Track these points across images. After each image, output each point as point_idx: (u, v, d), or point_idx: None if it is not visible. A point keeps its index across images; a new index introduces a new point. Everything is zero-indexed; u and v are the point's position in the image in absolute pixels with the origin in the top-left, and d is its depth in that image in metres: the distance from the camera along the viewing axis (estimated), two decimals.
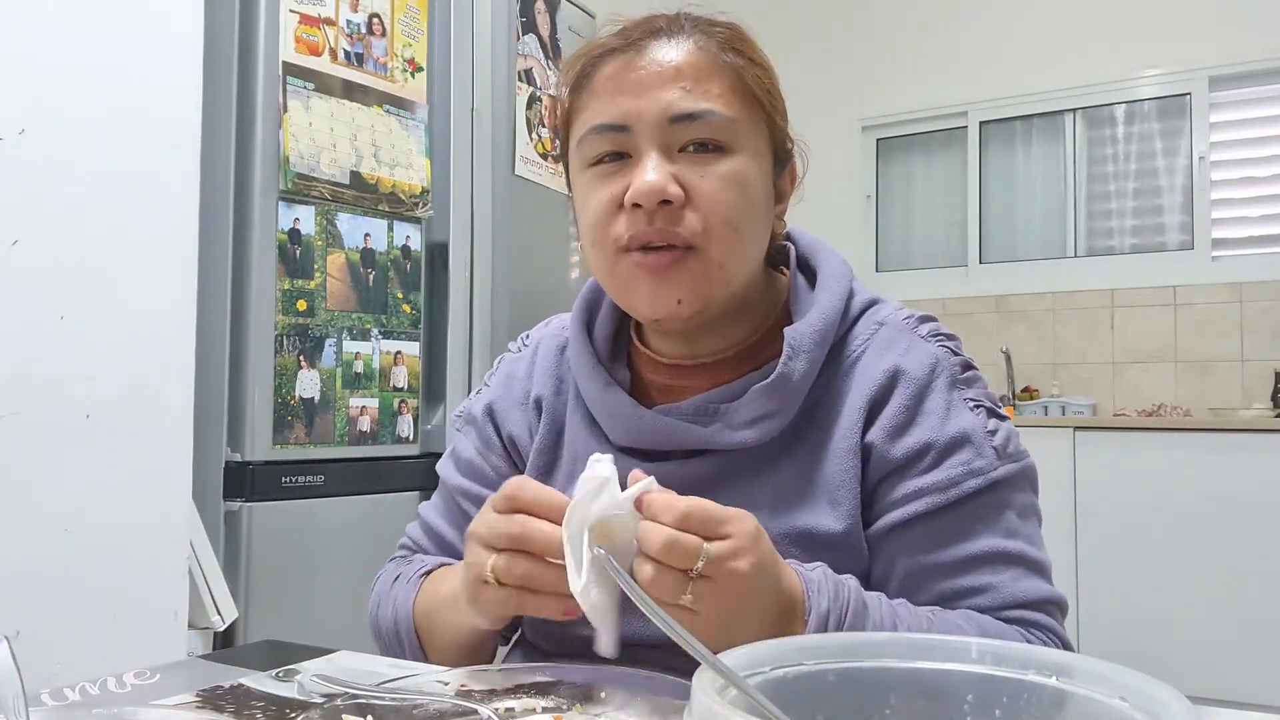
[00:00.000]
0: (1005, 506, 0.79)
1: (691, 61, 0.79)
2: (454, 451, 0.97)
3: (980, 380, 0.85)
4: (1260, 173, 3.81)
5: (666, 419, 0.82)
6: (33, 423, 1.33)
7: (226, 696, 0.67)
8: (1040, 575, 0.79)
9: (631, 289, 0.80)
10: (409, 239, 2.13)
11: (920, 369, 0.81)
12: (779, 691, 0.40)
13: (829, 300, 0.84)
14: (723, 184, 0.77)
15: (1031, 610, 0.77)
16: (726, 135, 0.78)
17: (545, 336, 0.98)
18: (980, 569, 0.78)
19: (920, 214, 4.49)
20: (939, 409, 0.80)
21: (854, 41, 4.48)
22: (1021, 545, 0.79)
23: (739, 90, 0.80)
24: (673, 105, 0.77)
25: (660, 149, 0.77)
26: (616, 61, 0.80)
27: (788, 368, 0.80)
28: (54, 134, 1.37)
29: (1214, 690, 2.90)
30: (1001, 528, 0.79)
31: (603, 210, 0.79)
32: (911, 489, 0.79)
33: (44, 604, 1.33)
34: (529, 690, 0.63)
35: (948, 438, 0.79)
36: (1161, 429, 3.31)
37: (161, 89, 1.51)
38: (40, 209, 1.35)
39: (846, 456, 0.80)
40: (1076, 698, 0.39)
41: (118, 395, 1.42)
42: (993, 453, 0.79)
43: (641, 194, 0.76)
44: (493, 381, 0.98)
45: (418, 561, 0.93)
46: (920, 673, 0.42)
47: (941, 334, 0.86)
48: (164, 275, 1.50)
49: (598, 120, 0.80)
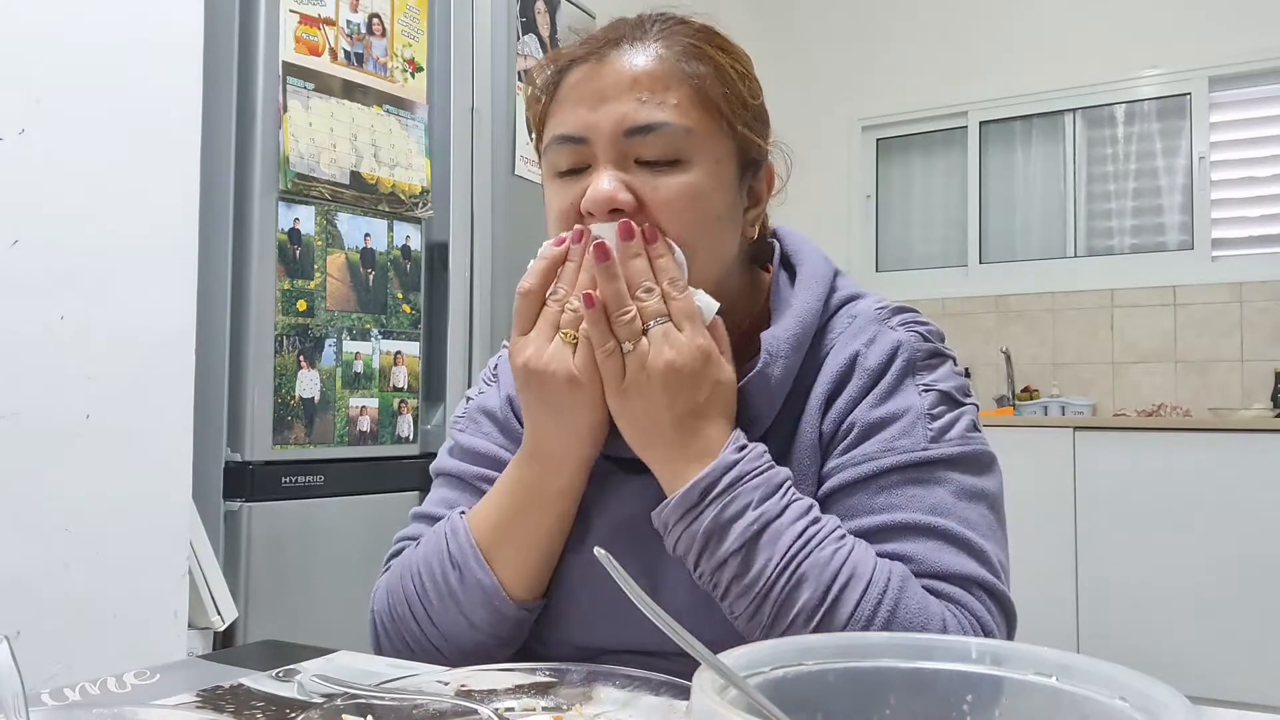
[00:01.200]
0: (934, 484, 0.77)
1: (649, 70, 0.79)
2: (459, 448, 0.93)
3: (948, 368, 0.83)
4: (1260, 173, 3.81)
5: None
6: (33, 423, 1.33)
7: (226, 696, 0.67)
8: (970, 555, 0.75)
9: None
10: (409, 239, 2.13)
11: (879, 355, 0.81)
12: (779, 691, 0.40)
13: (806, 300, 0.84)
14: (674, 197, 0.78)
15: (947, 583, 0.74)
16: (682, 148, 0.78)
17: None
18: (891, 539, 0.75)
19: (920, 214, 4.50)
20: (882, 391, 0.80)
21: (854, 41, 4.48)
22: (949, 523, 0.75)
23: (698, 100, 0.79)
24: (627, 117, 0.78)
25: (615, 160, 0.78)
26: (580, 70, 0.81)
27: (766, 371, 0.80)
28: (54, 134, 1.37)
29: (1214, 690, 2.90)
30: (925, 504, 0.76)
31: (559, 219, 0.81)
32: (833, 465, 0.79)
33: (44, 604, 1.33)
34: (529, 690, 0.63)
35: (875, 417, 0.79)
36: (1161, 429, 3.31)
37: (161, 89, 1.51)
38: (40, 209, 1.35)
39: (810, 446, 0.81)
40: (1076, 698, 0.39)
41: (118, 395, 1.42)
42: (925, 434, 0.78)
43: (593, 202, 0.77)
44: (499, 378, 0.96)
45: (433, 530, 0.88)
46: (920, 673, 0.42)
47: (914, 322, 0.85)
48: (164, 275, 1.50)
49: (559, 130, 0.81)
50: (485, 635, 0.82)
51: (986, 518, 0.78)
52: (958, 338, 4.07)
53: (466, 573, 0.81)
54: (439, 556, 0.83)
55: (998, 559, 0.77)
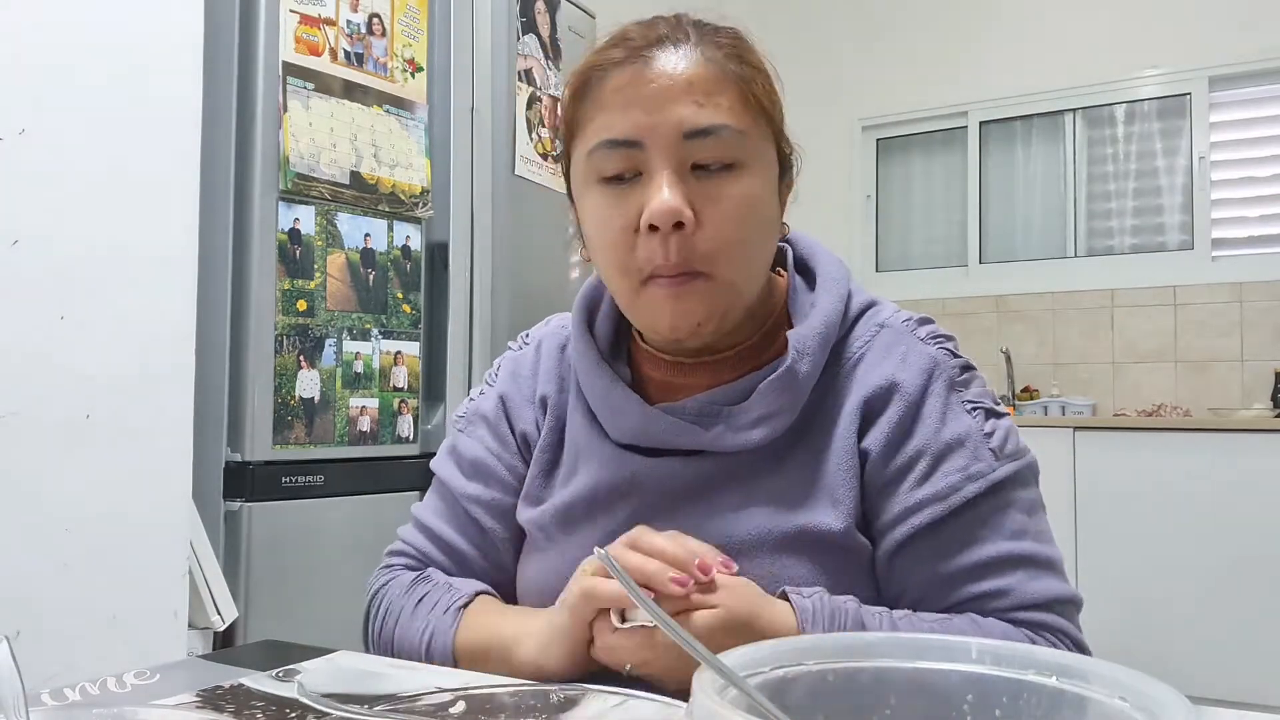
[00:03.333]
0: (1008, 507, 0.79)
1: (701, 74, 0.77)
2: (455, 452, 0.95)
3: (979, 380, 0.85)
4: (1260, 173, 3.81)
5: (671, 419, 0.82)
6: (33, 423, 1.33)
7: (226, 696, 0.67)
8: (1052, 573, 0.79)
9: (656, 315, 0.80)
10: (409, 239, 2.13)
11: (918, 375, 0.81)
12: (779, 691, 0.40)
13: (829, 302, 0.85)
14: (734, 206, 0.77)
15: (1042, 612, 0.77)
16: (739, 151, 0.78)
17: (546, 335, 0.98)
18: (989, 575, 0.77)
19: (920, 214, 4.49)
20: (934, 415, 0.80)
21: (854, 41, 4.48)
22: (1030, 545, 0.78)
23: (747, 102, 0.79)
24: (686, 121, 0.76)
25: (674, 166, 0.76)
26: (625, 72, 0.79)
27: (794, 367, 0.80)
28: (54, 134, 1.37)
29: (1214, 690, 2.90)
30: (1007, 529, 0.78)
31: (619, 236, 0.79)
32: (911, 502, 0.79)
33: (44, 604, 1.33)
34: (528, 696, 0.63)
35: (942, 444, 0.79)
36: (1161, 429, 3.31)
37: (161, 89, 1.51)
38: (40, 209, 1.35)
39: (845, 456, 0.80)
40: (1076, 698, 0.39)
41: (118, 395, 1.42)
42: (990, 454, 0.79)
43: (657, 215, 0.75)
44: (499, 379, 0.97)
45: (441, 580, 0.90)
46: (920, 673, 0.42)
47: (940, 335, 0.86)
48: (164, 275, 1.50)
49: (608, 135, 0.78)
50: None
51: (1046, 524, 0.82)
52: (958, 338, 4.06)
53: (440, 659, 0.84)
54: (419, 654, 0.85)
55: (1061, 561, 0.81)
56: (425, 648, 0.84)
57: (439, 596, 0.87)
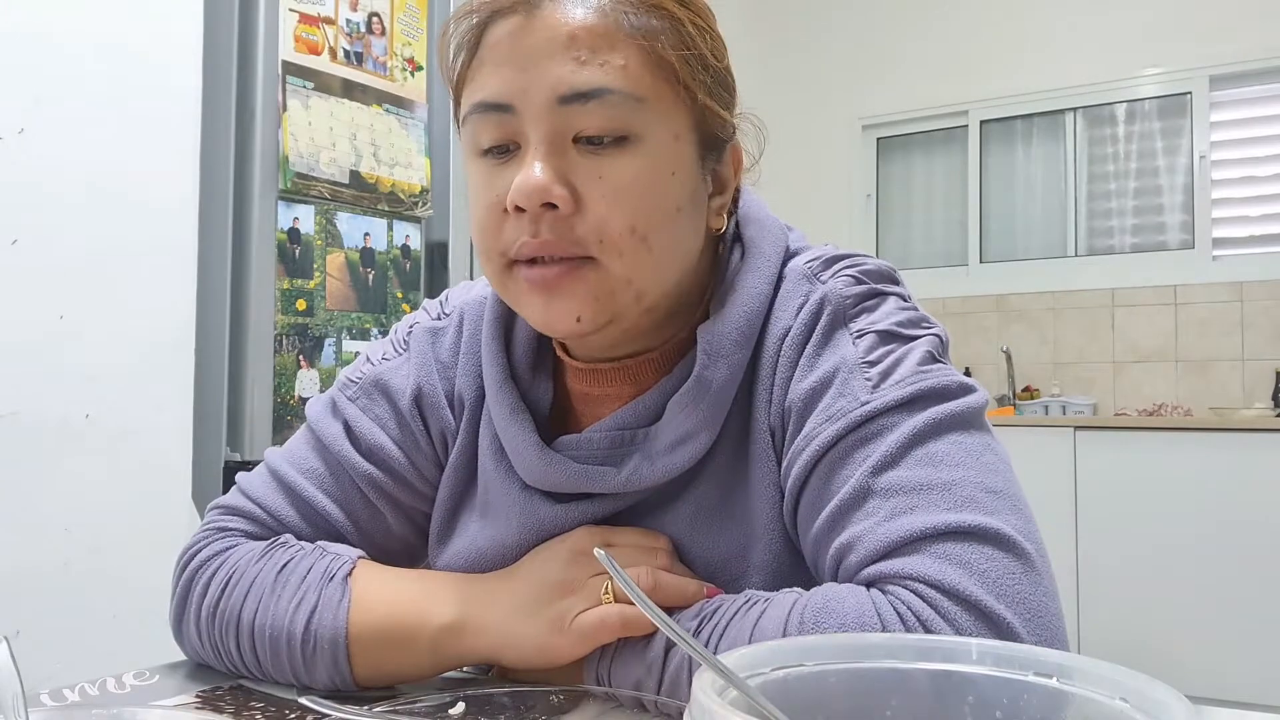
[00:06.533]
0: (877, 436, 0.62)
1: (589, 25, 0.63)
2: (346, 424, 0.77)
3: (889, 304, 0.69)
4: (1260, 172, 3.81)
5: (575, 465, 0.69)
6: (33, 423, 1.33)
7: (226, 697, 0.67)
8: (939, 504, 0.58)
9: (523, 306, 0.67)
10: (408, 238, 2.13)
11: (803, 321, 0.68)
12: (779, 692, 0.40)
13: (754, 285, 0.70)
14: (623, 186, 0.63)
15: (897, 557, 0.58)
16: (630, 120, 0.63)
17: (469, 306, 0.82)
18: (841, 527, 0.61)
19: (920, 213, 4.49)
20: (811, 355, 0.67)
21: (854, 40, 4.48)
22: (902, 474, 0.60)
23: (650, 62, 0.64)
24: (562, 81, 0.62)
25: (549, 136, 0.63)
26: (506, 23, 0.65)
27: (705, 374, 0.67)
28: (54, 134, 1.37)
29: (1214, 690, 2.90)
30: (870, 463, 0.61)
31: (487, 215, 0.66)
32: (785, 466, 0.67)
33: (44, 604, 1.33)
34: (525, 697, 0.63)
35: (806, 389, 0.66)
36: (1162, 429, 3.31)
37: (161, 89, 1.51)
38: (40, 209, 1.35)
39: (765, 454, 0.69)
40: (1076, 698, 0.39)
41: (118, 395, 1.42)
42: (865, 384, 0.64)
43: (520, 193, 0.62)
44: (414, 358, 0.80)
45: (305, 545, 0.72)
46: (921, 673, 0.42)
47: (848, 267, 0.71)
48: (164, 275, 1.50)
49: (478, 96, 0.65)
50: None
51: (962, 445, 0.62)
52: (959, 338, 4.07)
53: (328, 675, 0.67)
54: (290, 634, 0.67)
55: (981, 487, 0.60)
56: (301, 629, 0.66)
57: (312, 562, 0.70)
